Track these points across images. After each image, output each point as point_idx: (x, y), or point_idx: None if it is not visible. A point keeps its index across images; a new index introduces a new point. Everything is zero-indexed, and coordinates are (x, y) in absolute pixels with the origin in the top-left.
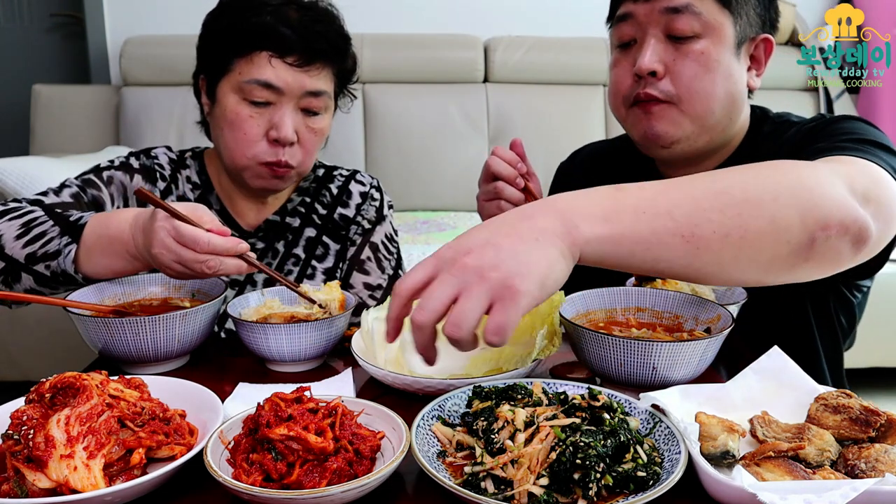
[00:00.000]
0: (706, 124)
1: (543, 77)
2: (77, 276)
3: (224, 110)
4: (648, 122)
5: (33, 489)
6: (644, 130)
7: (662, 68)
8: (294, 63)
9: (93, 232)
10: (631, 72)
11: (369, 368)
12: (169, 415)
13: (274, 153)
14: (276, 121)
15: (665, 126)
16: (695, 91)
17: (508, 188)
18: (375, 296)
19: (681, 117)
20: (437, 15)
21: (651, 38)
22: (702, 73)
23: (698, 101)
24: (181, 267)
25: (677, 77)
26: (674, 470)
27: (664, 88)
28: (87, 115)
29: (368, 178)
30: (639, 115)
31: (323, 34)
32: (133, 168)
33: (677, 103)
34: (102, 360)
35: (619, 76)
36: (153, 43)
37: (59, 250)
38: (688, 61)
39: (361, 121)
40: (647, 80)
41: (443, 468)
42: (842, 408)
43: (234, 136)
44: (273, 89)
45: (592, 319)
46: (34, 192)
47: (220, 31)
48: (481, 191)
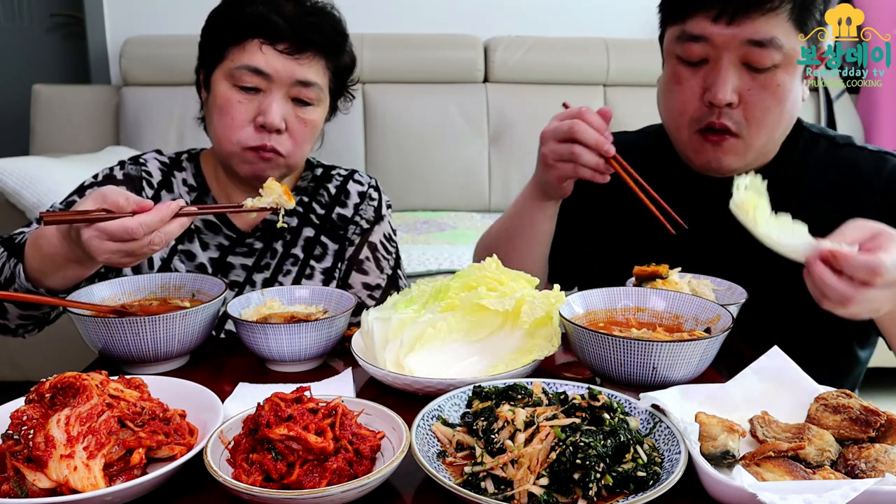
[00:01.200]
0: (764, 150)
1: (543, 77)
2: (40, 291)
3: (215, 97)
4: (715, 154)
5: (33, 489)
6: (708, 160)
7: (737, 99)
8: (284, 51)
9: (32, 254)
10: (700, 95)
11: (369, 368)
12: (169, 415)
13: (259, 138)
14: (264, 107)
15: (730, 160)
16: (764, 124)
17: (587, 154)
18: (374, 295)
19: (745, 150)
20: (437, 15)
21: (728, 66)
22: (774, 106)
23: (765, 132)
24: (133, 258)
25: (750, 108)
26: (674, 470)
27: (737, 120)
28: (87, 115)
29: (367, 178)
30: (705, 146)
31: (316, 26)
32: (116, 180)
33: (745, 136)
34: (102, 360)
35: (686, 97)
36: (153, 43)
37: (14, 272)
38: (764, 93)
39: (361, 121)
40: (722, 109)
41: (443, 468)
42: (842, 408)
43: (223, 122)
44: (262, 75)
45: (592, 319)
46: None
47: (217, 23)
48: (550, 149)
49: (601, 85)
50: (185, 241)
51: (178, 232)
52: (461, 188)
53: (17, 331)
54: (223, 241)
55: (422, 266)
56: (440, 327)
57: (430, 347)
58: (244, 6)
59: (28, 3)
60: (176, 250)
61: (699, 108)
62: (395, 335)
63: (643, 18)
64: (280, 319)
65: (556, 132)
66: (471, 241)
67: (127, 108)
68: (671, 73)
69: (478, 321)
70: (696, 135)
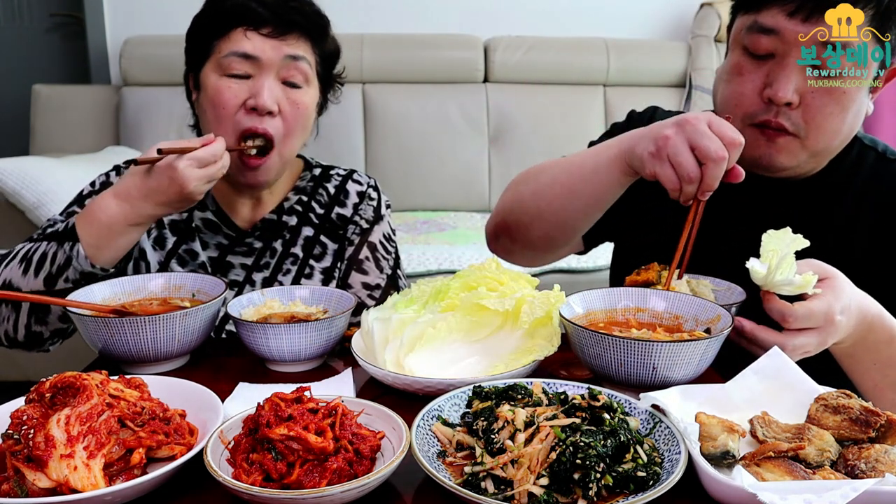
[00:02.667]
0: (820, 156)
1: (543, 77)
2: (97, 270)
3: (206, 91)
4: (768, 151)
5: (33, 489)
6: (760, 156)
7: (798, 100)
8: (269, 34)
9: (86, 231)
10: (760, 89)
11: (369, 368)
12: (169, 415)
13: (251, 121)
14: (256, 89)
15: (783, 158)
16: (824, 129)
17: (692, 186)
18: (374, 295)
19: (800, 150)
20: (437, 15)
21: (793, 63)
22: (836, 112)
23: (823, 138)
24: (209, 184)
25: (811, 111)
26: (674, 470)
27: (795, 121)
28: (87, 115)
29: (366, 178)
30: (759, 140)
31: (297, 9)
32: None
33: (802, 137)
34: (102, 360)
35: (744, 89)
36: (153, 43)
37: (69, 256)
38: (827, 98)
39: (361, 121)
40: (780, 108)
41: (443, 468)
42: (842, 408)
43: (216, 113)
44: (251, 59)
45: (592, 319)
46: (34, 192)
47: (201, 22)
48: (678, 151)
49: (601, 85)
50: (185, 241)
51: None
52: (461, 188)
53: (48, 342)
54: (222, 240)
55: (422, 266)
56: (440, 327)
57: (430, 347)
58: (224, 1)
59: (28, 3)
60: (177, 250)
61: (757, 104)
62: (395, 335)
63: (643, 18)
64: (280, 319)
65: (701, 143)
66: (471, 241)
67: (127, 108)
68: (734, 64)
69: (478, 321)
70: (751, 128)
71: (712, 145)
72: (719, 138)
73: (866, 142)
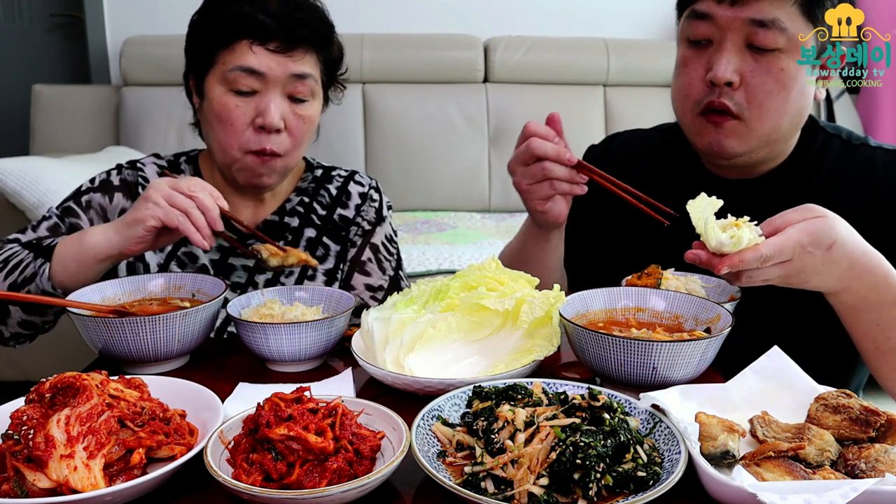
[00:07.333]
0: (770, 139)
1: (543, 77)
2: (57, 292)
3: (211, 103)
4: (716, 137)
5: (33, 489)
6: (710, 143)
7: (738, 79)
8: (276, 49)
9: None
10: (703, 76)
11: (369, 368)
12: (169, 415)
13: (259, 141)
14: (262, 108)
15: (732, 143)
16: (767, 108)
17: (558, 167)
18: (377, 297)
19: (748, 134)
20: (437, 15)
21: (730, 45)
22: (777, 91)
23: (769, 118)
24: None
25: (752, 91)
26: (674, 470)
27: (738, 101)
28: (87, 115)
29: (367, 179)
30: (707, 128)
31: (304, 21)
32: (113, 186)
33: (747, 120)
34: (102, 360)
35: (690, 79)
36: (153, 43)
37: (36, 272)
38: (766, 77)
39: (361, 121)
40: (722, 89)
41: (443, 468)
42: (842, 408)
43: (224, 129)
44: (257, 75)
45: (592, 319)
46: (34, 192)
47: (203, 27)
48: (520, 175)
49: (601, 85)
50: (185, 244)
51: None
52: (461, 188)
53: (9, 341)
54: (224, 242)
55: (422, 266)
56: (440, 327)
57: (430, 347)
58: (227, 7)
59: (28, 3)
60: (176, 252)
61: (702, 90)
62: (395, 335)
63: (643, 18)
64: (280, 319)
65: (518, 157)
66: (471, 241)
67: (127, 108)
68: (680, 57)
69: (478, 321)
70: (699, 117)
71: (520, 149)
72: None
73: (830, 130)
